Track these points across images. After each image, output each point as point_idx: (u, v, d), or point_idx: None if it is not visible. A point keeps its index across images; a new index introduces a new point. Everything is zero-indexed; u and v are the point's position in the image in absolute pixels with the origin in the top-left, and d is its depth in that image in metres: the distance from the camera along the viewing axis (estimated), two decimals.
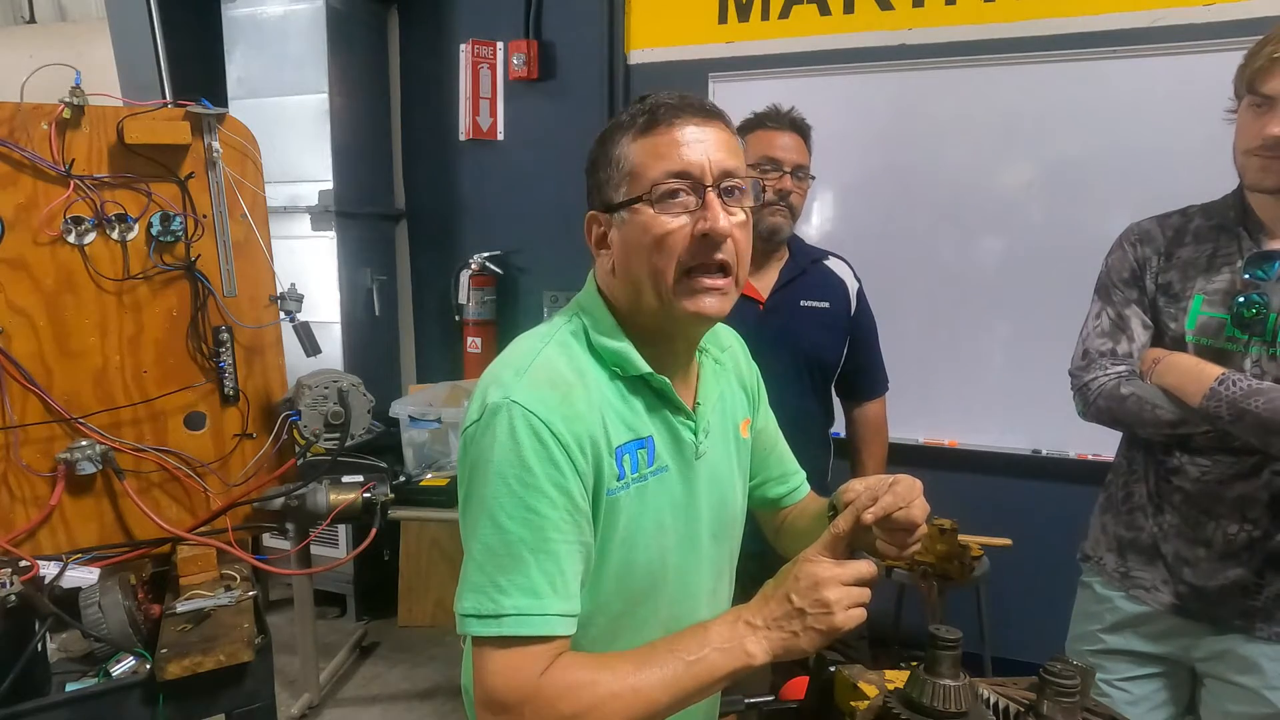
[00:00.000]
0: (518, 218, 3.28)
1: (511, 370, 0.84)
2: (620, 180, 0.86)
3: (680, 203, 0.83)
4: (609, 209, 0.88)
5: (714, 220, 0.82)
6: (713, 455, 0.97)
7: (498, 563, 0.79)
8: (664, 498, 0.91)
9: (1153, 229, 1.35)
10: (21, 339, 1.54)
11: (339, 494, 1.76)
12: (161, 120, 1.61)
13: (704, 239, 0.83)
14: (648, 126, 0.84)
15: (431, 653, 3.06)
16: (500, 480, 0.79)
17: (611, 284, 0.91)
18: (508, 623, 0.77)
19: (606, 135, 0.89)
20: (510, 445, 0.79)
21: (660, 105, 0.85)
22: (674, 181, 0.83)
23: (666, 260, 0.84)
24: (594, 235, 0.91)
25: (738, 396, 1.07)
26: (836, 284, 1.82)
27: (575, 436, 0.81)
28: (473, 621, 0.79)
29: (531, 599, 0.78)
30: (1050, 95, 2.49)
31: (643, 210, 0.84)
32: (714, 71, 2.86)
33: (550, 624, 0.78)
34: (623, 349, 0.88)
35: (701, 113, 0.85)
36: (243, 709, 1.41)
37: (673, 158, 0.83)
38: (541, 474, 0.79)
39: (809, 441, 1.81)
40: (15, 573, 1.31)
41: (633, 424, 0.88)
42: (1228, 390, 1.16)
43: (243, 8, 3.03)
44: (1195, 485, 1.28)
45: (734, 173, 0.85)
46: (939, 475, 2.74)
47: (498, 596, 0.78)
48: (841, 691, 0.91)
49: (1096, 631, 1.42)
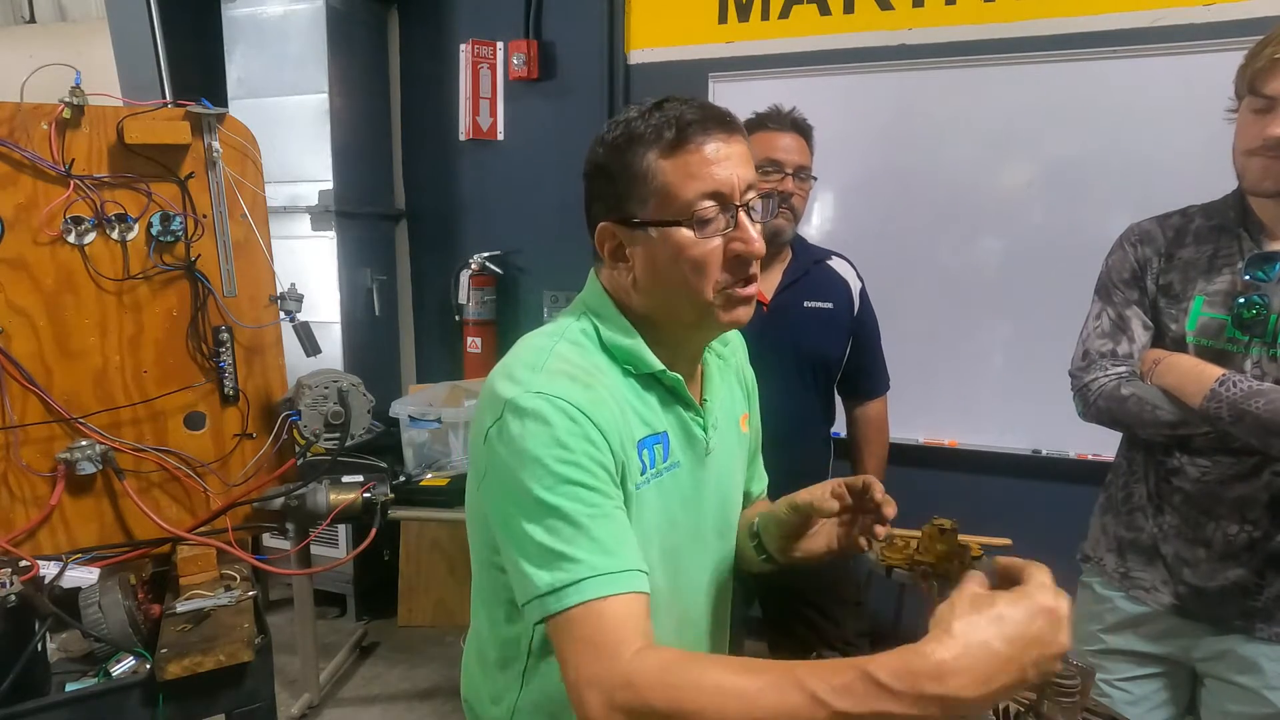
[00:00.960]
0: (518, 218, 3.28)
1: (526, 367, 0.83)
2: (647, 196, 0.84)
3: (715, 224, 0.83)
4: (630, 224, 0.86)
5: (750, 242, 0.84)
6: (719, 451, 0.98)
7: (557, 537, 0.74)
8: (675, 493, 0.91)
9: (1153, 229, 1.35)
10: (21, 339, 1.54)
11: (339, 494, 1.76)
12: (161, 120, 1.61)
13: (737, 259, 0.84)
14: (677, 144, 0.83)
15: (431, 653, 3.06)
16: (538, 465, 0.76)
17: (626, 292, 0.91)
18: (588, 586, 0.72)
19: (623, 145, 0.85)
20: (542, 429, 0.77)
21: (687, 121, 0.83)
22: (710, 205, 0.82)
23: (704, 281, 0.84)
24: (608, 248, 0.90)
25: (737, 392, 1.07)
26: (839, 284, 1.82)
27: (604, 417, 0.80)
28: (551, 599, 0.72)
29: (605, 558, 0.73)
30: (1050, 95, 2.49)
31: (679, 233, 0.83)
32: (714, 71, 2.86)
33: (633, 579, 0.73)
34: (635, 346, 0.88)
35: (725, 126, 0.84)
36: (243, 709, 1.40)
37: (706, 178, 0.82)
38: (579, 450, 0.77)
39: (810, 442, 1.82)
40: (15, 573, 1.31)
41: (649, 420, 0.89)
42: (1228, 391, 1.16)
43: (243, 8, 3.03)
44: (1195, 486, 1.28)
45: (754, 185, 0.86)
46: (939, 475, 2.75)
47: (569, 566, 0.73)
48: None
49: (1097, 632, 1.42)
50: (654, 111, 0.85)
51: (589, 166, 0.90)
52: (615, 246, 0.89)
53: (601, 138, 0.89)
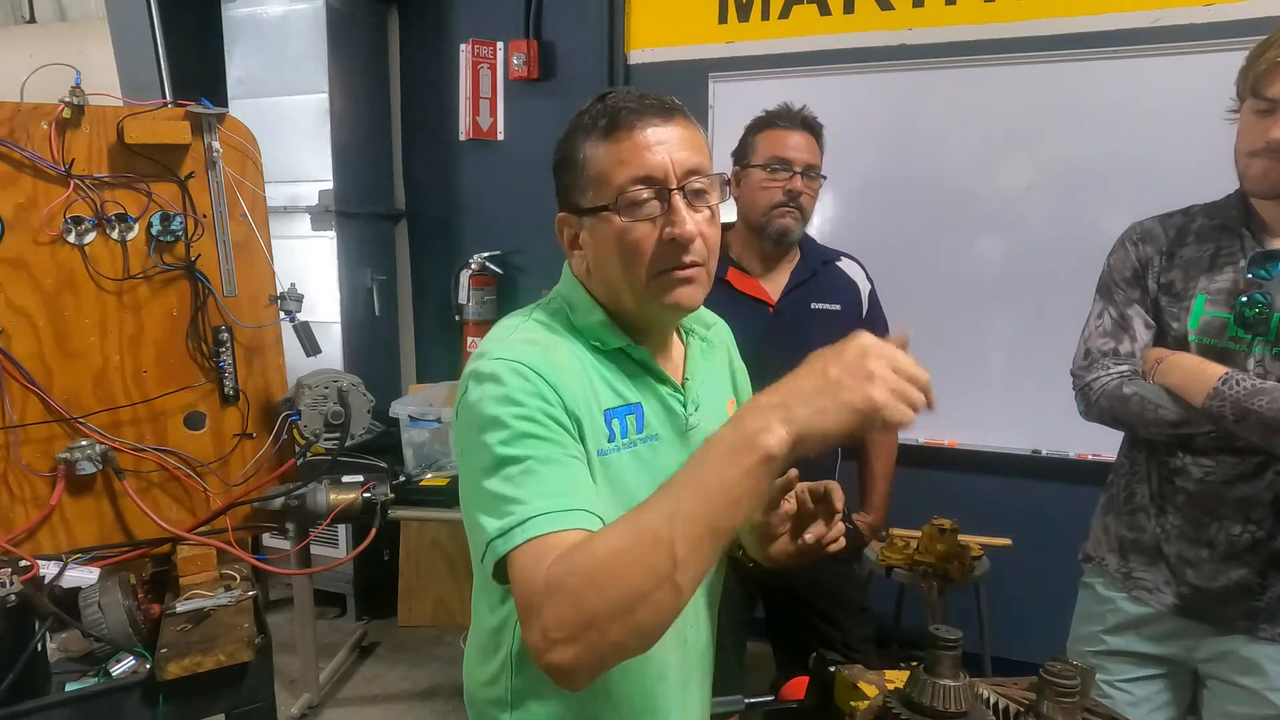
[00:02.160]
0: (518, 218, 3.28)
1: (493, 341, 0.88)
2: (587, 185, 0.87)
3: (646, 209, 0.84)
4: (578, 212, 0.89)
5: (681, 225, 0.84)
6: (704, 430, 0.98)
7: (509, 484, 0.76)
8: (657, 466, 0.92)
9: (1155, 228, 1.35)
10: (21, 339, 1.54)
11: (339, 494, 1.76)
12: (161, 120, 1.61)
13: (672, 243, 0.84)
14: (609, 130, 0.84)
15: (431, 653, 3.06)
16: (494, 422, 0.79)
17: (587, 280, 0.93)
18: (532, 524, 0.72)
19: (568, 136, 0.89)
20: (497, 389, 0.80)
21: (620, 107, 0.84)
22: (639, 188, 0.83)
23: (637, 265, 0.85)
24: (566, 236, 0.93)
25: (723, 376, 1.09)
26: (848, 285, 1.80)
27: (559, 378, 0.82)
28: (498, 542, 0.73)
29: (551, 499, 0.74)
30: (1050, 95, 2.49)
31: (610, 218, 0.85)
32: (714, 71, 2.86)
33: (575, 518, 0.73)
34: (601, 321, 0.91)
35: (662, 111, 0.85)
36: (242, 709, 1.41)
37: (636, 163, 0.83)
38: (532, 405, 0.79)
39: None
40: (15, 573, 1.31)
41: (620, 390, 0.91)
42: (1231, 390, 1.16)
43: (243, 8, 3.03)
44: (1198, 486, 1.28)
45: (698, 169, 0.85)
46: (939, 475, 2.75)
47: (516, 508, 0.74)
48: (841, 691, 0.91)
49: (1098, 633, 1.42)
50: (596, 103, 0.87)
51: (553, 160, 0.93)
52: (572, 235, 0.92)
53: (562, 134, 0.92)
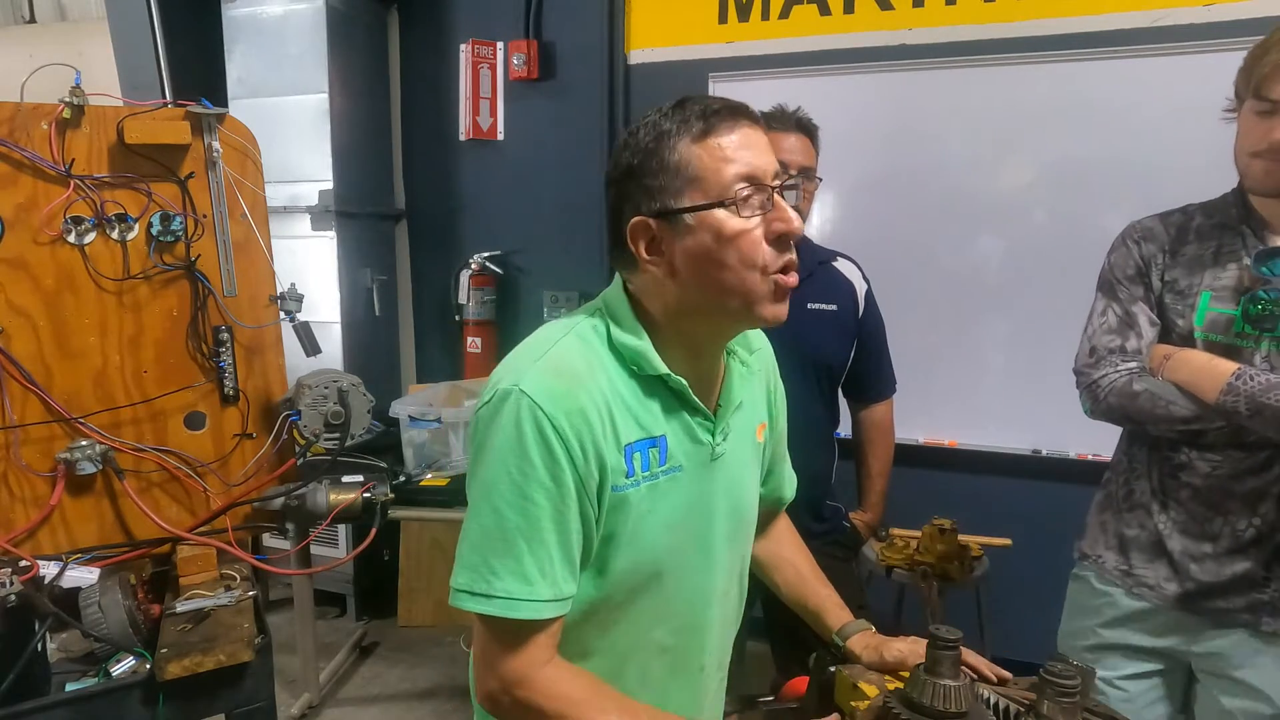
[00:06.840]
0: (518, 218, 3.28)
1: (528, 357, 0.87)
2: (682, 186, 0.84)
3: (756, 205, 0.84)
4: (668, 215, 0.85)
5: (788, 220, 0.84)
6: (731, 458, 0.97)
7: (492, 546, 0.83)
8: (677, 497, 0.91)
9: (1155, 226, 1.35)
10: (21, 339, 1.54)
11: (339, 494, 1.76)
12: (161, 120, 1.61)
13: (778, 240, 0.85)
14: (706, 131, 0.84)
15: (431, 653, 3.06)
16: (501, 467, 0.82)
17: (655, 289, 0.89)
18: (497, 604, 0.82)
19: (652, 143, 0.85)
20: (514, 435, 0.82)
21: (713, 110, 0.84)
22: (745, 186, 0.83)
23: (753, 261, 0.84)
24: (643, 243, 0.88)
25: (760, 401, 1.06)
26: (844, 286, 1.80)
27: (576, 432, 0.82)
28: (465, 596, 0.84)
29: (522, 584, 0.82)
30: (1050, 95, 2.49)
31: (717, 215, 0.83)
32: (714, 71, 2.86)
33: (538, 609, 0.83)
34: (642, 347, 0.88)
35: (749, 116, 0.86)
36: (243, 709, 1.40)
37: (739, 161, 0.83)
38: (541, 466, 0.81)
39: (813, 444, 1.81)
40: (15, 573, 1.31)
41: (645, 422, 0.89)
42: (1245, 385, 1.16)
43: (243, 8, 3.03)
44: (1205, 481, 1.28)
45: (779, 174, 0.87)
46: (939, 475, 2.75)
47: (490, 578, 0.82)
48: (842, 691, 0.91)
49: (1092, 626, 1.42)
50: (677, 109, 0.86)
51: (616, 173, 0.89)
52: (650, 241, 0.88)
53: (626, 142, 0.89)
